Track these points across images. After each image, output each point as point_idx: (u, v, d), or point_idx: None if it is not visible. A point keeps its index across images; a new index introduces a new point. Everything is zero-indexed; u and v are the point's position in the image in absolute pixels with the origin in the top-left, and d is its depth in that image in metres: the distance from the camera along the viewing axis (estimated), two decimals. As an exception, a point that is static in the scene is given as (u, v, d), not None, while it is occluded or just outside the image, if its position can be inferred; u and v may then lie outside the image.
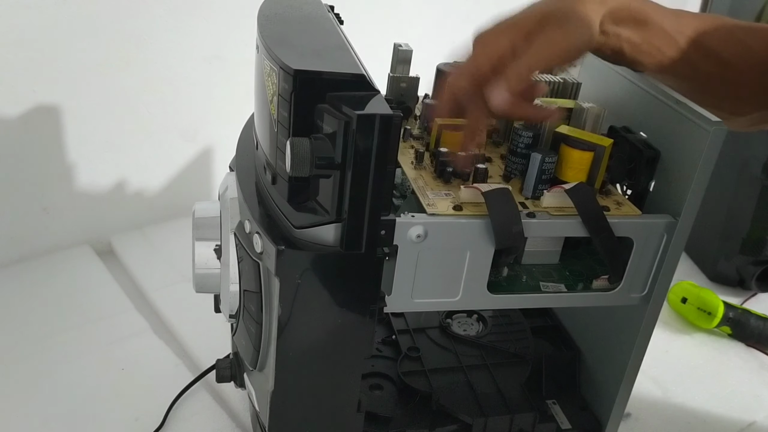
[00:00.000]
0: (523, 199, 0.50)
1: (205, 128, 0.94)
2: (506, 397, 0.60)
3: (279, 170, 0.43)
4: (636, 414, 0.70)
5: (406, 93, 0.59)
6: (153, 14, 0.84)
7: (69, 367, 0.69)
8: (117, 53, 0.83)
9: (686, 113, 0.49)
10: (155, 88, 0.88)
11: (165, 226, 0.94)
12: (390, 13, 1.09)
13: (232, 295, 0.49)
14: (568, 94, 0.59)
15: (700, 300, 0.82)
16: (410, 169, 0.52)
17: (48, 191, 0.85)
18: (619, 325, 0.57)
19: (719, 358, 0.79)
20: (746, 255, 0.88)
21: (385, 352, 0.64)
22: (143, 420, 0.64)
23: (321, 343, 0.46)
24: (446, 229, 0.46)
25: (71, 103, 0.82)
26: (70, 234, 0.88)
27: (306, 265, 0.43)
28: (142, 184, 0.93)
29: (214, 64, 0.91)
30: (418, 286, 0.47)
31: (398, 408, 0.59)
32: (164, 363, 0.71)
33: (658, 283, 0.51)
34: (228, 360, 0.59)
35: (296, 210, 0.43)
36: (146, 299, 0.81)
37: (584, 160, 0.50)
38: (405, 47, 0.58)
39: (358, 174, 0.40)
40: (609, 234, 0.48)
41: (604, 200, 0.51)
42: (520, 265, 0.53)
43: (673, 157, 0.50)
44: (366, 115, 0.38)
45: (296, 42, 0.45)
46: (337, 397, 0.49)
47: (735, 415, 0.71)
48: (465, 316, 0.69)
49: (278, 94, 0.42)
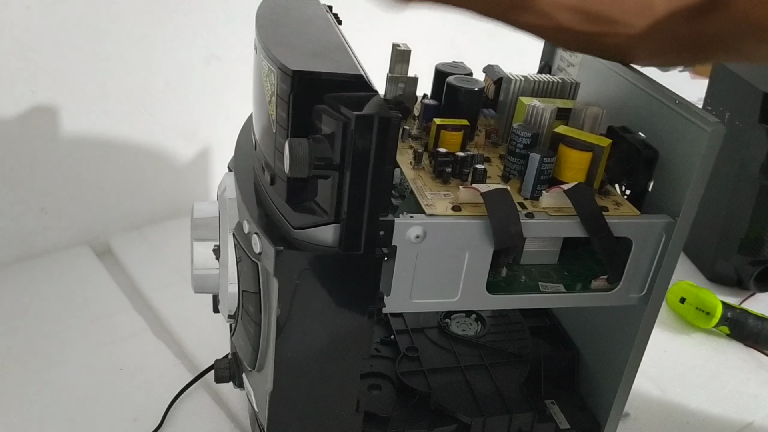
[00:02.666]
0: (521, 200, 0.50)
1: (204, 128, 0.94)
2: (505, 397, 0.60)
3: (277, 171, 0.43)
4: (635, 414, 0.70)
5: (405, 93, 0.59)
6: (152, 14, 0.84)
7: (67, 367, 0.69)
8: (116, 53, 0.83)
9: (685, 113, 0.49)
10: (154, 88, 0.88)
11: (163, 226, 0.94)
12: (388, 14, 1.09)
13: (231, 295, 0.49)
14: (566, 93, 0.59)
15: (699, 300, 0.82)
16: (409, 170, 0.52)
17: (46, 191, 0.85)
18: (617, 325, 0.57)
19: (718, 358, 0.79)
20: (745, 255, 0.88)
21: (383, 352, 0.64)
22: (141, 420, 0.64)
23: (320, 344, 0.46)
24: (445, 230, 0.46)
25: (70, 103, 0.82)
26: (68, 234, 0.88)
27: (305, 266, 0.43)
28: (141, 184, 0.92)
29: (213, 65, 0.91)
30: (416, 287, 0.47)
31: (397, 408, 0.59)
32: (163, 363, 0.71)
33: (657, 283, 0.51)
34: (227, 360, 0.59)
35: (295, 210, 0.43)
36: (145, 299, 0.81)
37: (583, 161, 0.50)
38: (403, 47, 0.58)
39: (357, 174, 0.40)
40: (608, 234, 0.48)
41: (603, 200, 0.51)
42: (518, 266, 0.53)
43: (671, 158, 0.50)
44: (364, 115, 0.38)
45: (294, 42, 0.45)
46: (336, 398, 0.49)
47: (733, 415, 0.71)
48: (464, 316, 0.69)
49: (276, 94, 0.41)
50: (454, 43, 1.17)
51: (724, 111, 0.87)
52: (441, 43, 1.15)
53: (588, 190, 0.49)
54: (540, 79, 0.58)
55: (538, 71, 0.68)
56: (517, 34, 0.48)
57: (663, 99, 0.51)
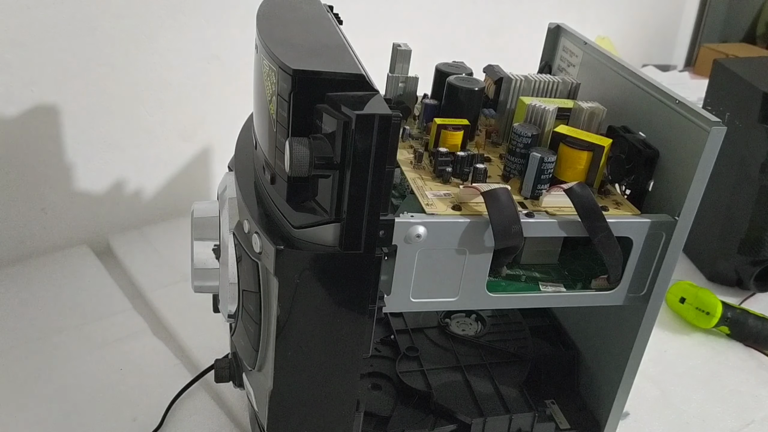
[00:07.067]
0: (522, 199, 0.50)
1: (204, 128, 0.94)
2: (505, 397, 0.60)
3: (278, 170, 0.43)
4: (634, 414, 0.70)
5: (405, 93, 0.59)
6: (152, 14, 0.84)
7: (67, 367, 0.69)
8: (116, 53, 0.83)
9: (685, 113, 0.49)
10: (154, 87, 0.88)
11: (163, 226, 0.94)
12: (389, 13, 1.09)
13: (231, 295, 0.49)
14: (567, 93, 0.59)
15: (699, 300, 0.82)
16: (409, 169, 0.52)
17: (46, 191, 0.85)
18: (617, 325, 0.57)
19: (717, 358, 0.79)
20: (744, 255, 0.88)
21: (383, 352, 0.64)
22: (141, 420, 0.64)
23: (320, 343, 0.46)
24: (445, 229, 0.46)
25: (70, 103, 0.82)
26: (68, 234, 0.88)
27: (305, 265, 0.43)
28: (141, 184, 0.92)
29: (213, 64, 0.91)
30: (417, 286, 0.47)
31: (397, 408, 0.59)
32: (163, 363, 0.71)
33: (657, 282, 0.51)
34: (227, 360, 0.59)
35: (295, 210, 0.43)
36: (145, 299, 0.81)
37: (583, 160, 0.50)
38: (404, 47, 0.58)
39: (357, 174, 0.40)
40: (608, 234, 0.48)
41: (603, 200, 0.51)
42: (519, 265, 0.53)
43: (672, 157, 0.50)
44: (365, 115, 0.38)
45: (295, 42, 0.45)
46: (336, 397, 0.49)
47: (733, 415, 0.71)
48: (464, 315, 0.69)
49: (277, 93, 0.41)
50: (454, 43, 1.17)
51: (724, 111, 0.87)
52: (441, 43, 1.15)
53: (588, 190, 0.49)
54: (540, 79, 0.58)
55: (539, 71, 0.68)
56: (517, 35, 0.48)
57: (663, 99, 0.51)
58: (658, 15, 1.65)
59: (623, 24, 1.55)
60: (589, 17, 1.46)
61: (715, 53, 1.57)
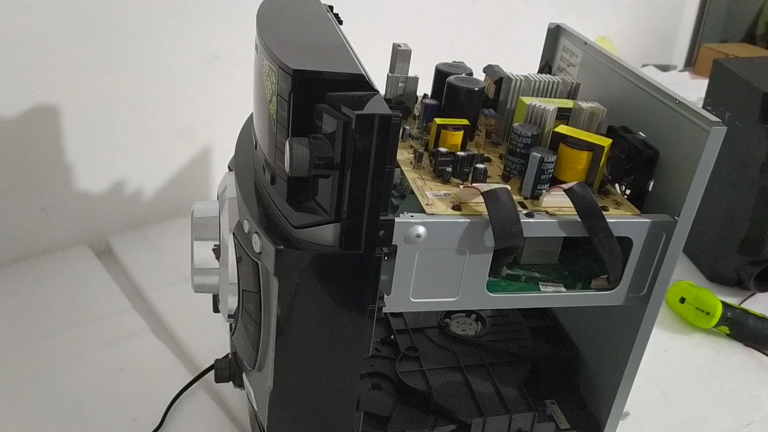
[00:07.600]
0: (522, 199, 0.50)
1: (204, 128, 0.94)
2: (505, 397, 0.60)
3: (278, 170, 0.43)
4: (634, 414, 0.70)
5: (405, 93, 0.59)
6: (152, 14, 0.84)
7: (67, 367, 0.69)
8: (115, 53, 0.83)
9: (685, 113, 0.49)
10: (154, 87, 0.88)
11: (163, 226, 0.94)
12: (389, 13, 1.09)
13: (231, 295, 0.49)
14: (567, 94, 0.59)
15: (699, 300, 0.82)
16: (409, 169, 0.52)
17: (46, 191, 0.85)
18: (617, 325, 0.57)
19: (717, 358, 0.79)
20: (744, 255, 0.88)
21: (383, 352, 0.64)
22: (141, 420, 0.64)
23: (320, 343, 0.46)
24: (445, 229, 0.46)
25: (70, 103, 0.82)
26: (68, 234, 0.88)
27: (305, 265, 0.43)
28: (141, 184, 0.92)
29: (213, 64, 0.91)
30: (417, 286, 0.47)
31: (397, 408, 0.59)
32: (163, 363, 0.71)
33: (657, 282, 0.51)
34: (227, 360, 0.59)
35: (295, 210, 0.43)
36: (144, 299, 0.81)
37: (583, 160, 0.50)
38: (404, 47, 0.58)
39: (357, 174, 0.40)
40: (608, 234, 0.48)
41: (603, 200, 0.51)
42: (519, 265, 0.53)
43: (672, 157, 0.50)
44: (365, 115, 0.38)
45: (295, 42, 0.45)
46: (336, 397, 0.49)
47: (733, 415, 0.71)
48: (464, 315, 0.69)
49: (277, 93, 0.41)
50: (454, 43, 1.17)
51: (724, 111, 0.87)
52: (441, 43, 1.15)
53: (588, 190, 0.49)
54: (540, 79, 0.58)
55: (539, 71, 0.68)
56: (517, 35, 0.48)
57: (663, 99, 0.51)
58: (658, 15, 1.65)
59: (623, 24, 1.55)
60: (589, 17, 1.46)
61: (715, 53, 1.57)
